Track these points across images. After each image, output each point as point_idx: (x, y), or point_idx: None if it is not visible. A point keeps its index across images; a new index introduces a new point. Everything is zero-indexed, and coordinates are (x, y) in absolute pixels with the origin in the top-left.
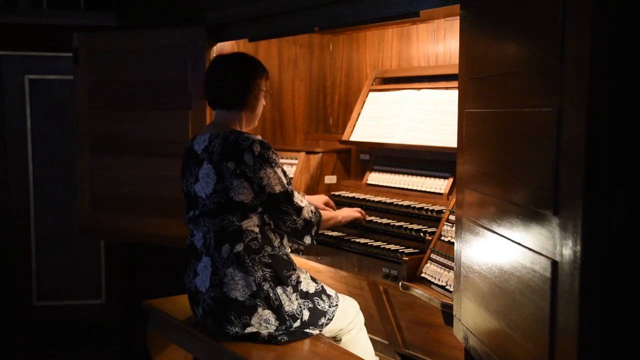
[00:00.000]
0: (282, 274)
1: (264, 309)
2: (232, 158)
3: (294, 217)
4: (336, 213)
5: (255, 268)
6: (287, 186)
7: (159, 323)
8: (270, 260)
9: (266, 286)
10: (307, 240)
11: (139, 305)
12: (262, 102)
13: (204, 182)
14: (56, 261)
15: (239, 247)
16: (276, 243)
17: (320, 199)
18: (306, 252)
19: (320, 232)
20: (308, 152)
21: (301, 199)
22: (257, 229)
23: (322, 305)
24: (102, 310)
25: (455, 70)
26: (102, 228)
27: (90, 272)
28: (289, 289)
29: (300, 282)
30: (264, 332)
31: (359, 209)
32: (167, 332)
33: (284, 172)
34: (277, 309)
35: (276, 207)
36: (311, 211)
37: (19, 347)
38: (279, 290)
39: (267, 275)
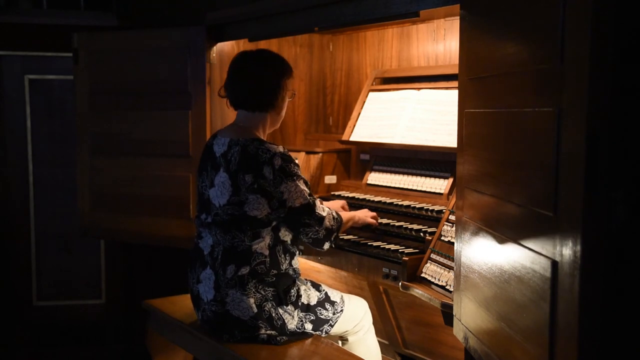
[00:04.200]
0: (282, 291)
1: (266, 330)
2: (250, 171)
3: (316, 228)
4: (352, 214)
5: (257, 289)
6: (308, 198)
7: (159, 323)
8: (273, 279)
9: (268, 306)
10: (327, 246)
11: (139, 305)
12: (287, 102)
13: (219, 191)
14: (56, 261)
15: (245, 270)
16: (284, 266)
17: (337, 204)
18: (306, 252)
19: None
20: (308, 152)
21: (322, 208)
22: (267, 252)
23: (326, 314)
24: (102, 310)
25: (455, 70)
26: (102, 228)
27: (90, 272)
28: (290, 307)
29: (300, 295)
30: (264, 334)
31: (373, 214)
32: (167, 332)
33: (306, 183)
34: (281, 328)
35: (297, 220)
36: (333, 218)
37: (19, 347)
38: (280, 310)
39: (269, 295)
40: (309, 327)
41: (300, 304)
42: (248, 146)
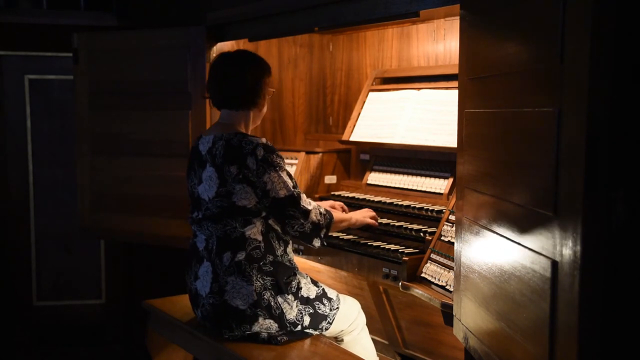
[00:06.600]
0: (282, 281)
1: (265, 319)
2: (234, 162)
3: (302, 221)
4: (349, 215)
5: (257, 277)
6: (292, 190)
7: (159, 323)
8: (271, 268)
9: (267, 295)
10: (317, 243)
11: (139, 305)
12: (267, 100)
13: (207, 185)
14: (56, 261)
15: (241, 256)
16: (279, 252)
17: (328, 204)
18: (306, 252)
19: (330, 234)
20: (308, 152)
21: (309, 202)
22: (260, 237)
23: (323, 309)
24: (102, 310)
25: (455, 70)
26: (102, 228)
27: (90, 272)
28: (290, 297)
29: (301, 287)
30: (264, 333)
31: (373, 214)
32: (167, 332)
33: (290, 175)
34: (279, 318)
35: (282, 212)
36: (320, 213)
37: (19, 347)
38: (280, 299)
39: (268, 284)
40: (307, 320)
41: (300, 295)
42: (232, 139)
